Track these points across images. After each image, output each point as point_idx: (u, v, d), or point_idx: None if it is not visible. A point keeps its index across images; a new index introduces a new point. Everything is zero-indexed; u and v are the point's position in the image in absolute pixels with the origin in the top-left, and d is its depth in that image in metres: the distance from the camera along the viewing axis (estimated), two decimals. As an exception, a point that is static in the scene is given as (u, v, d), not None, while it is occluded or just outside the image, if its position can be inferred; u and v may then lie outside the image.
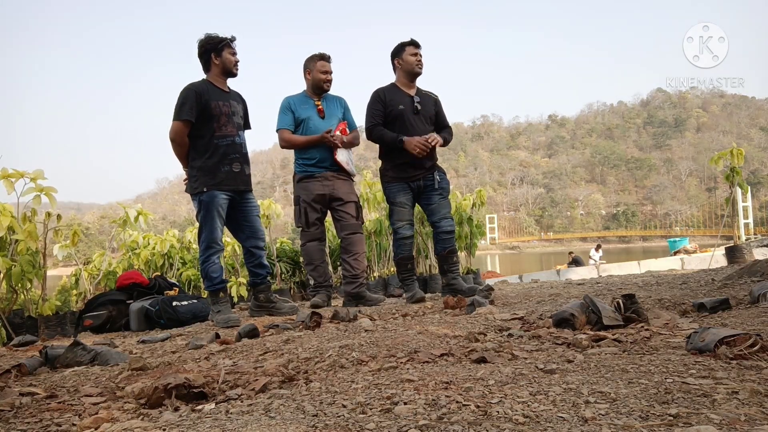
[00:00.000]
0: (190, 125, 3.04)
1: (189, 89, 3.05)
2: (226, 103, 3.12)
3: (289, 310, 3.30)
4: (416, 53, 3.52)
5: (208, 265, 3.11)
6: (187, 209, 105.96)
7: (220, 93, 3.13)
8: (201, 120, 3.04)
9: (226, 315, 3.03)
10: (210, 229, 3.08)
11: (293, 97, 3.70)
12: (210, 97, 3.05)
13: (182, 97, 3.02)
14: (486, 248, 70.27)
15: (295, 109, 3.61)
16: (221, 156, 3.07)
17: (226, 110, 3.10)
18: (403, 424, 0.99)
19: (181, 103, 3.01)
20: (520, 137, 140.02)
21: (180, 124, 3.02)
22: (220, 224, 3.11)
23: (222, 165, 3.07)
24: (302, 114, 3.60)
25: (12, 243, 3.61)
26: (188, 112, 2.99)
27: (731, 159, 6.29)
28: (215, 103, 3.06)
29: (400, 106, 3.48)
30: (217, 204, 3.06)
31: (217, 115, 3.06)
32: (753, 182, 75.84)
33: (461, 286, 3.54)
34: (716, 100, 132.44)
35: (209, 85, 3.12)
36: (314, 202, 3.58)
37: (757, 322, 1.81)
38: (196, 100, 3.01)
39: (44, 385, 1.64)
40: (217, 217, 3.08)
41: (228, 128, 3.10)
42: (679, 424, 0.92)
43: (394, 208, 3.55)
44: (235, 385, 1.45)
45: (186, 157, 3.13)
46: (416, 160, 3.46)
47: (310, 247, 3.66)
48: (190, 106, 2.99)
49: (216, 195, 3.05)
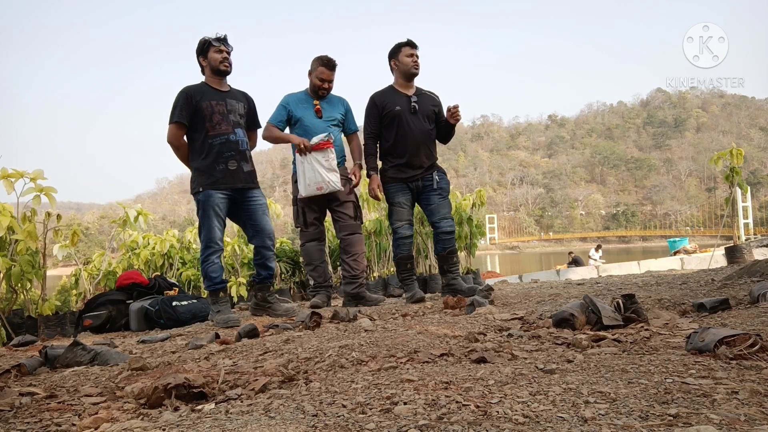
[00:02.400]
0: (183, 127, 3.11)
1: (181, 92, 3.12)
2: (221, 102, 3.14)
3: (284, 312, 3.29)
4: (412, 54, 3.51)
5: (208, 265, 3.12)
6: (186, 209, 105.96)
7: (215, 93, 3.16)
8: (195, 121, 3.10)
9: (225, 315, 3.04)
10: (208, 229, 3.09)
11: (293, 95, 3.70)
12: (202, 98, 3.10)
13: (174, 101, 3.11)
14: (486, 248, 70.31)
15: (293, 107, 3.62)
16: (216, 155, 3.09)
17: (220, 109, 3.12)
18: (403, 424, 0.99)
19: (174, 106, 3.10)
20: (520, 137, 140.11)
21: (173, 127, 3.09)
22: (218, 224, 3.11)
23: (217, 164, 3.09)
24: (298, 113, 3.60)
25: (12, 243, 3.61)
26: (179, 115, 3.06)
27: (731, 159, 6.29)
28: (207, 103, 3.10)
29: (397, 107, 3.48)
30: (213, 203, 3.07)
31: (209, 115, 3.10)
32: (753, 182, 75.85)
33: (461, 286, 3.54)
34: (716, 100, 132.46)
35: (204, 86, 3.18)
36: (311, 202, 3.58)
37: (757, 322, 1.81)
38: (186, 102, 3.07)
39: (44, 385, 1.64)
40: (214, 216, 3.08)
41: (222, 126, 3.11)
42: (679, 424, 0.92)
43: (393, 208, 3.56)
44: (235, 385, 1.45)
45: (187, 158, 3.19)
46: (414, 161, 3.47)
47: (309, 248, 3.66)
48: (181, 108, 3.07)
49: (211, 194, 3.07)
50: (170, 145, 3.13)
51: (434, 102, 3.66)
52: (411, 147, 3.48)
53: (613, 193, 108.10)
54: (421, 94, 3.61)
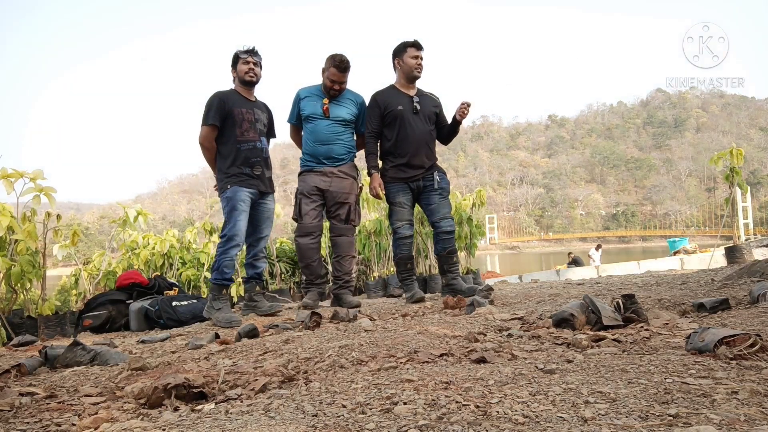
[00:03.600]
0: (216, 129, 3.25)
1: (214, 96, 3.29)
2: (249, 111, 3.32)
3: (268, 309, 3.38)
4: (417, 56, 3.50)
5: (225, 258, 3.18)
6: (186, 209, 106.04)
7: (244, 101, 3.34)
8: (225, 126, 3.25)
9: (228, 314, 3.07)
10: (234, 223, 3.19)
11: (306, 89, 3.64)
12: (234, 105, 3.27)
13: (208, 104, 3.26)
14: (486, 248, 70.28)
15: (303, 102, 3.57)
16: (243, 159, 3.26)
17: (249, 117, 3.30)
18: (403, 424, 0.99)
19: (207, 109, 3.25)
20: (520, 137, 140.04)
21: (207, 128, 3.24)
22: (243, 219, 3.22)
23: (244, 168, 3.25)
24: (307, 109, 3.55)
25: (12, 243, 3.61)
26: (213, 117, 3.21)
27: (731, 159, 6.29)
28: (238, 110, 3.27)
29: (399, 107, 3.48)
30: (240, 198, 3.21)
31: (240, 121, 3.26)
32: (752, 182, 75.81)
33: (461, 286, 3.54)
34: (716, 101, 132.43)
35: (234, 93, 3.34)
36: (309, 192, 3.52)
37: (757, 322, 1.81)
38: (219, 106, 3.23)
39: (44, 385, 1.64)
40: (242, 211, 3.21)
41: (250, 134, 3.29)
42: (679, 425, 0.92)
43: (393, 208, 3.56)
44: (235, 385, 1.45)
45: (214, 161, 3.34)
46: (415, 161, 3.47)
47: (301, 243, 3.56)
48: (215, 111, 3.22)
49: (239, 190, 3.21)
50: (201, 146, 3.29)
51: (435, 103, 3.66)
52: (412, 147, 3.48)
53: (613, 193, 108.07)
54: (423, 95, 3.61)
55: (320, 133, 3.51)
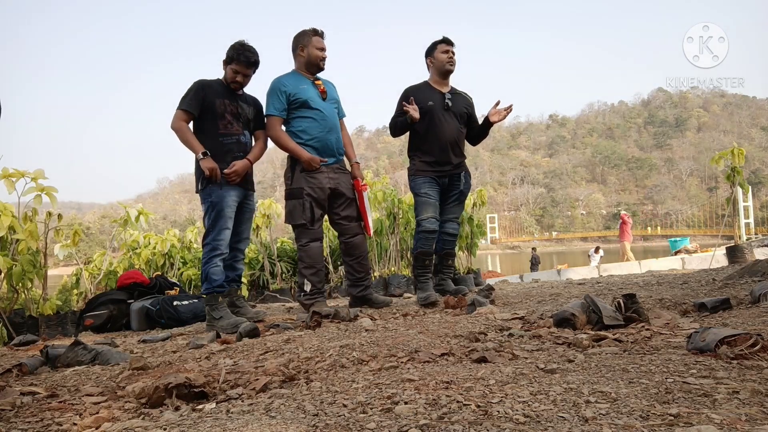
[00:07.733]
0: (189, 116, 3.07)
1: (196, 82, 3.14)
2: (233, 103, 3.14)
3: (254, 315, 3.22)
4: (448, 50, 3.51)
5: (210, 266, 3.06)
6: (187, 209, 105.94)
7: (228, 92, 3.16)
8: (206, 117, 3.09)
9: (230, 319, 2.95)
10: (218, 231, 3.05)
11: (285, 77, 3.27)
12: (216, 95, 3.10)
13: (188, 89, 3.12)
14: (487, 248, 70.20)
15: (293, 90, 3.20)
16: (226, 154, 3.09)
17: (232, 110, 3.13)
18: (404, 424, 0.99)
19: (185, 94, 3.10)
20: (521, 137, 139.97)
21: (179, 112, 3.05)
22: (230, 226, 3.09)
23: (226, 162, 3.07)
24: (302, 94, 3.20)
25: (13, 242, 3.61)
26: (188, 103, 3.05)
27: (732, 159, 6.29)
28: (220, 101, 3.09)
29: (430, 102, 3.45)
30: (227, 204, 3.06)
31: (221, 113, 3.10)
32: (754, 182, 75.74)
33: (449, 287, 3.61)
34: (717, 100, 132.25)
35: (219, 84, 3.17)
36: (321, 198, 3.25)
37: (758, 322, 1.81)
38: (197, 93, 3.07)
39: (45, 385, 1.64)
40: (228, 218, 3.07)
41: (233, 127, 3.14)
42: (680, 424, 0.92)
43: (419, 199, 3.46)
44: (236, 385, 1.45)
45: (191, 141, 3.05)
46: (443, 158, 3.47)
47: (313, 248, 3.27)
48: (191, 98, 3.07)
49: (225, 196, 3.05)
50: (173, 130, 3.05)
51: (468, 102, 3.64)
52: (441, 143, 3.46)
53: (614, 192, 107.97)
54: (456, 93, 3.60)
55: (327, 118, 3.25)
